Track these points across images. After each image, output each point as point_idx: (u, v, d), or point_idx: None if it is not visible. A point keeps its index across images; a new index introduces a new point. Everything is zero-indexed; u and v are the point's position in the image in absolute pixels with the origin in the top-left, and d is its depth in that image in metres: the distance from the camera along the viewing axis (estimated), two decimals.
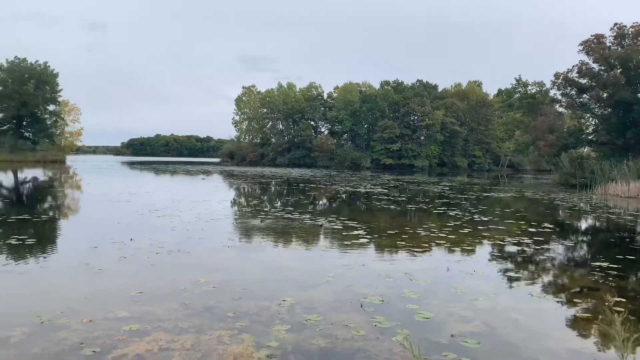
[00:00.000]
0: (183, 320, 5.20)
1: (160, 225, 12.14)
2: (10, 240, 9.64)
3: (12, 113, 72.68)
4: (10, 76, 72.12)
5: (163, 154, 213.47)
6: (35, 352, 4.29)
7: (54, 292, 6.24)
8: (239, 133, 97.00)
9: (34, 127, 77.15)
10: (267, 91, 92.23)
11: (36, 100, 73.04)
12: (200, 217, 13.76)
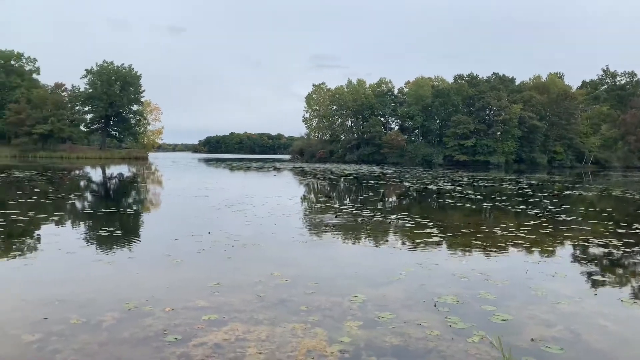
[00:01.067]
0: (258, 312, 5.35)
1: (235, 219, 12.56)
2: (100, 232, 10.39)
3: (101, 113, 78.28)
4: (100, 79, 77.62)
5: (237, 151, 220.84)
6: (124, 336, 4.59)
7: (140, 281, 6.64)
8: (309, 130, 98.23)
9: (119, 126, 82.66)
10: (337, 88, 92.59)
11: (122, 100, 78.16)
12: (273, 212, 14.08)
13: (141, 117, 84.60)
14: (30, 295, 5.78)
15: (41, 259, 7.74)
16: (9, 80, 76.41)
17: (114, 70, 78.93)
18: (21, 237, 9.74)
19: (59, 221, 12.01)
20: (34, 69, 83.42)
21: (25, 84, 76.90)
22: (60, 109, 71.78)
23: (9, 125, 69.47)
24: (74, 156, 70.78)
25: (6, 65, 78.53)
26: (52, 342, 4.39)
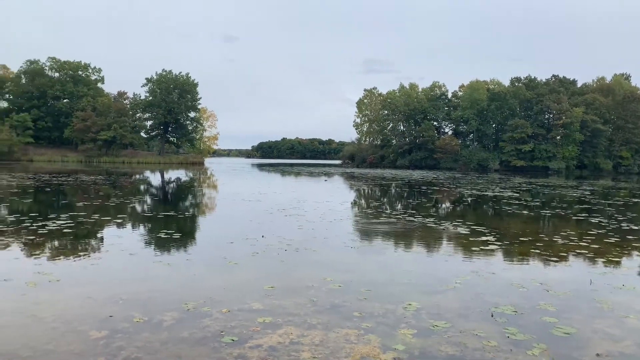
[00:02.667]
0: (311, 316, 5.39)
1: (288, 224, 12.72)
2: (160, 234, 10.82)
3: (160, 120, 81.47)
4: (159, 87, 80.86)
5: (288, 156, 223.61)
6: (183, 335, 4.76)
7: (197, 282, 6.86)
8: (360, 135, 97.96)
9: (177, 133, 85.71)
10: (389, 93, 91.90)
11: (180, 108, 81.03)
12: (324, 217, 14.15)
13: (198, 123, 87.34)
14: (96, 294, 6.09)
15: (106, 259, 8.15)
16: (77, 90, 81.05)
17: (172, 78, 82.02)
18: (88, 238, 10.30)
19: (122, 223, 12.60)
20: (99, 78, 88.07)
21: (91, 93, 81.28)
22: (123, 116, 75.34)
23: (76, 132, 73.61)
24: (135, 161, 74.04)
25: (74, 76, 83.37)
26: (117, 339, 4.62)
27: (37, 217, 12.62)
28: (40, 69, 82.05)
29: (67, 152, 75.47)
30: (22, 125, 70.97)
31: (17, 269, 7.28)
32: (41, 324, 5.00)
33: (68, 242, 9.70)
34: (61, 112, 79.43)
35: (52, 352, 4.29)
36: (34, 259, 8.15)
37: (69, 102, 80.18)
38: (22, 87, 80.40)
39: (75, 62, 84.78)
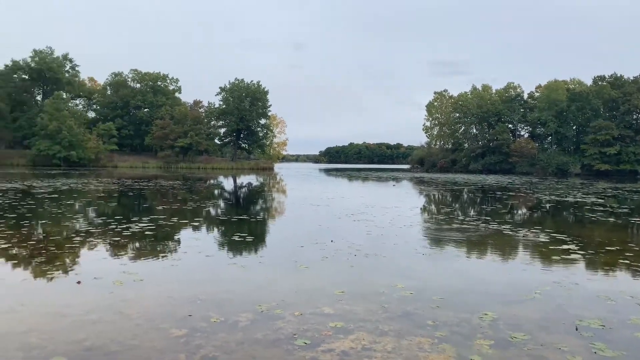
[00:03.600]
0: (383, 323, 5.34)
1: (356, 229, 12.70)
2: (234, 237, 11.18)
3: (232, 127, 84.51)
4: (232, 95, 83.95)
5: (355, 161, 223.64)
6: (257, 337, 4.88)
7: (270, 285, 7.01)
8: (430, 139, 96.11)
9: (249, 139, 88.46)
10: (460, 95, 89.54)
11: (251, 115, 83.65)
12: (394, 222, 13.99)
13: (268, 130, 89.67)
14: (176, 293, 6.40)
15: (185, 261, 8.53)
16: (156, 99, 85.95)
17: (244, 87, 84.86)
18: (167, 240, 10.85)
19: (198, 226, 13.16)
20: (177, 88, 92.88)
21: (169, 102, 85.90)
22: (198, 124, 78.90)
23: (155, 140, 78.02)
24: (209, 167, 77.20)
25: (154, 86, 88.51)
26: (196, 337, 4.82)
27: (122, 220, 13.47)
28: (123, 81, 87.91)
29: (147, 159, 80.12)
30: (107, 133, 76.19)
31: (105, 269, 7.80)
32: (127, 320, 5.32)
33: (150, 243, 10.28)
34: (142, 121, 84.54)
35: (137, 348, 4.55)
36: (120, 259, 8.70)
37: (149, 111, 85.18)
38: (108, 98, 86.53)
39: (154, 73, 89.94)
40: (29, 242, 9.94)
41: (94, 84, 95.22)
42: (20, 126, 75.40)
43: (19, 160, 69.57)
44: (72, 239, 10.62)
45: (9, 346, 4.51)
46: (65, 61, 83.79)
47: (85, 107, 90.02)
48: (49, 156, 68.25)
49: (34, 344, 4.58)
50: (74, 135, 68.70)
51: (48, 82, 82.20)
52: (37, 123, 69.60)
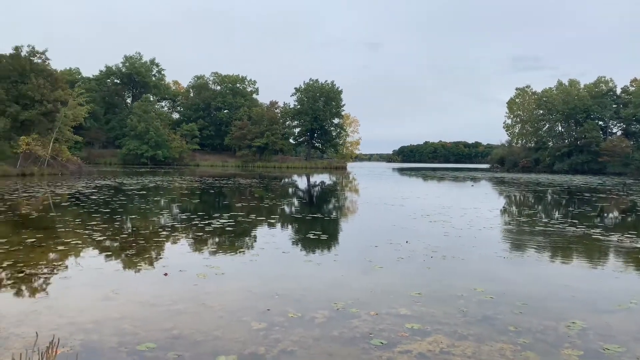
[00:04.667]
0: (462, 327, 5.20)
1: (432, 230, 12.43)
2: (309, 235, 11.35)
3: (306, 127, 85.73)
4: (306, 95, 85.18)
5: (430, 160, 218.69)
6: (334, 334, 4.93)
7: (345, 283, 7.05)
8: (511, 137, 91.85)
9: (322, 138, 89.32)
10: (544, 91, 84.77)
11: (325, 115, 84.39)
12: (472, 224, 13.54)
13: (341, 129, 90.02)
14: (255, 288, 6.61)
15: (262, 256, 8.79)
16: (235, 101, 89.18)
17: (318, 87, 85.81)
18: (246, 236, 11.23)
19: (274, 223, 13.50)
20: (254, 89, 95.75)
21: (247, 104, 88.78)
22: (274, 124, 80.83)
23: (234, 140, 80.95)
24: (284, 166, 78.89)
25: (233, 88, 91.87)
26: (275, 331, 4.95)
27: (204, 216, 14.13)
28: (205, 83, 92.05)
29: (226, 158, 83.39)
30: (190, 134, 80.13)
31: (189, 262, 8.23)
32: (210, 312, 5.58)
33: (230, 239, 10.70)
34: (222, 122, 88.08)
35: (219, 339, 4.76)
36: (203, 253, 9.14)
37: (229, 113, 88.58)
38: (191, 100, 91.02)
39: (233, 76, 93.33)
40: (121, 236, 10.70)
41: (178, 86, 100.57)
42: (112, 127, 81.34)
43: (111, 159, 75.06)
44: (159, 233, 11.30)
45: (105, 331, 4.89)
46: (152, 65, 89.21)
47: (170, 109, 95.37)
48: (137, 155, 73.00)
49: (127, 330, 4.93)
50: (160, 135, 72.94)
51: (137, 85, 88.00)
52: (127, 124, 74.68)
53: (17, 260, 7.91)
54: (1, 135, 35.99)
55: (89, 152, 71.09)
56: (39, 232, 10.81)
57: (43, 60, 42.44)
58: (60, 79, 44.30)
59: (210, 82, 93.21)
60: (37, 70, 40.64)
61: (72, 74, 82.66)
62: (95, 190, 22.70)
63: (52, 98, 39.78)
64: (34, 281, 6.80)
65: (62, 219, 13.29)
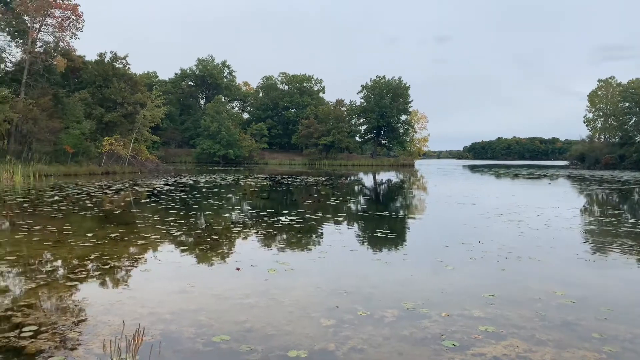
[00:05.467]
0: (540, 331, 4.95)
1: (507, 230, 11.94)
2: (376, 233, 11.27)
3: (373, 124, 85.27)
4: (373, 92, 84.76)
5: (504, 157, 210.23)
6: (404, 334, 4.86)
7: (414, 283, 6.94)
8: (592, 132, 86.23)
9: (389, 136, 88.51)
10: (631, 82, 78.77)
11: (392, 112, 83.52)
12: (550, 224, 12.86)
13: (409, 126, 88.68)
14: (324, 285, 6.66)
15: (330, 254, 8.84)
16: (302, 100, 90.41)
17: (385, 83, 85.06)
18: (314, 234, 11.34)
19: (341, 221, 13.53)
20: (321, 88, 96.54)
21: (314, 102, 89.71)
22: (340, 122, 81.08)
23: (301, 138, 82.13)
24: (350, 164, 78.96)
25: (300, 87, 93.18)
26: (344, 329, 4.96)
27: (273, 213, 14.44)
28: (273, 84, 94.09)
29: (294, 156, 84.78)
30: (259, 133, 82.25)
31: (259, 257, 8.44)
32: (280, 307, 5.68)
33: (298, 236, 10.86)
34: (289, 121, 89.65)
35: (290, 333, 4.84)
36: (272, 249, 9.35)
37: (296, 112, 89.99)
38: (260, 100, 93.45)
39: (301, 75, 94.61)
40: (196, 231, 11.18)
41: (248, 87, 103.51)
42: (187, 128, 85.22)
43: (186, 157, 78.68)
44: (230, 229, 11.68)
45: (183, 322, 5.12)
46: (223, 67, 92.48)
47: (241, 109, 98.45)
48: (210, 154, 76.01)
49: (202, 322, 5.14)
50: (231, 135, 75.47)
51: (210, 87, 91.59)
52: (201, 125, 77.91)
53: (102, 253, 8.49)
54: (87, 136, 38.70)
55: (166, 152, 74.99)
56: (122, 227, 11.53)
57: (124, 65, 45.18)
58: (140, 82, 46.99)
59: (278, 82, 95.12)
60: (119, 75, 43.36)
61: (150, 77, 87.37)
62: (171, 188, 23.87)
63: (132, 100, 42.30)
64: (117, 273, 7.25)
65: (142, 215, 14.09)
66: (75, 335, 4.69)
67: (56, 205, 15.58)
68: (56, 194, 19.39)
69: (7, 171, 28.93)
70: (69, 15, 38.26)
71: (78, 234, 10.26)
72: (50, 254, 8.44)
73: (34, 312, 5.35)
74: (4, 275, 6.99)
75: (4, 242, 9.38)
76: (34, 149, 35.14)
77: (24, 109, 34.06)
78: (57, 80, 40.32)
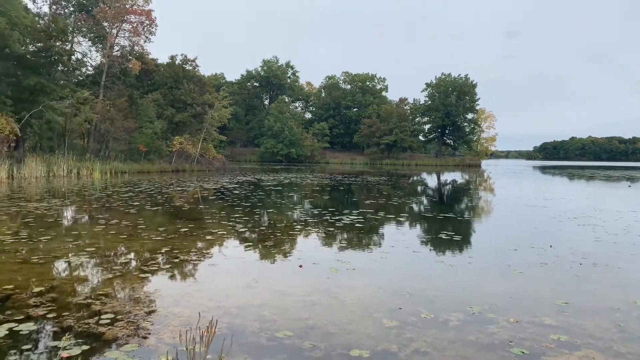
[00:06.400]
0: (618, 343, 4.63)
1: (581, 234, 11.28)
2: (440, 234, 11.01)
3: (437, 123, 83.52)
4: (437, 91, 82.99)
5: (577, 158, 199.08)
6: (470, 339, 4.71)
7: (480, 287, 6.70)
8: None
9: (454, 135, 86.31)
10: None
11: (457, 110, 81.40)
12: (630, 229, 12.02)
13: (475, 125, 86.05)
14: (386, 285, 6.59)
15: (392, 254, 8.74)
16: (364, 99, 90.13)
17: (451, 81, 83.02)
18: (375, 234, 11.27)
19: (403, 222, 13.34)
20: (383, 87, 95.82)
21: (376, 101, 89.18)
22: (403, 121, 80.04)
23: (363, 138, 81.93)
24: (413, 163, 77.73)
25: (363, 86, 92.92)
26: (407, 330, 4.89)
27: (334, 212, 14.48)
28: (335, 83, 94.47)
29: (355, 155, 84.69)
30: (321, 132, 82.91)
31: (321, 255, 8.49)
32: (342, 305, 5.69)
33: (359, 235, 10.82)
34: (351, 120, 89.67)
35: (352, 332, 4.83)
36: (333, 247, 9.37)
37: (358, 111, 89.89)
38: (322, 100, 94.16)
39: (363, 74, 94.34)
40: (259, 228, 11.43)
41: (311, 87, 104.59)
42: (251, 127, 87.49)
43: (250, 156, 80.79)
44: (293, 226, 11.84)
45: (248, 317, 5.24)
46: (287, 68, 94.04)
47: (303, 109, 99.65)
48: (273, 153, 77.58)
49: (267, 317, 5.24)
50: (293, 134, 76.63)
51: (274, 87, 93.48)
52: (265, 124, 79.66)
53: (173, 247, 8.87)
54: (159, 136, 40.64)
55: (232, 151, 77.35)
56: (190, 222, 12.00)
57: (193, 67, 47.05)
58: (208, 83, 48.73)
59: (340, 82, 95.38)
60: (189, 76, 45.20)
61: (218, 78, 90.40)
62: (237, 186, 24.58)
63: (201, 101, 43.95)
64: (186, 266, 7.56)
65: (209, 211, 14.60)
66: (147, 324, 4.93)
67: (130, 200, 16.48)
68: (130, 190, 20.52)
69: (87, 168, 31.01)
70: (144, 20, 40.41)
71: (150, 229, 10.79)
72: (124, 247, 8.93)
73: (110, 301, 5.68)
74: (84, 266, 7.48)
75: (84, 235, 10.04)
76: (110, 148, 37.42)
77: (102, 109, 36.34)
78: (131, 82, 42.72)
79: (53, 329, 4.76)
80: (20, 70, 29.64)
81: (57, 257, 7.94)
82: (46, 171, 28.52)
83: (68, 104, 33.53)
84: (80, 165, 31.11)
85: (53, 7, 39.27)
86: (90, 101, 36.39)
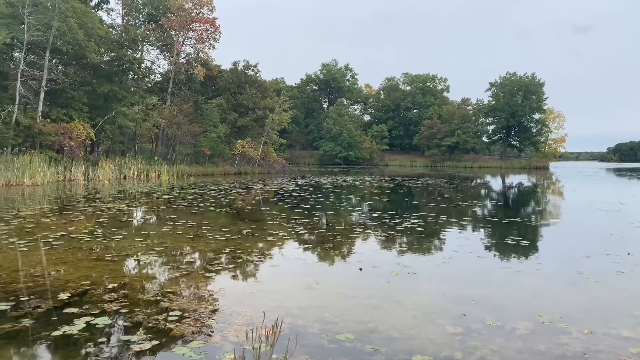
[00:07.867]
0: None
1: None
2: (506, 240, 10.59)
3: (502, 124, 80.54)
4: (502, 90, 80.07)
5: None
6: (539, 349, 4.49)
7: (551, 295, 6.38)
8: None
9: (520, 136, 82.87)
10: None
11: (523, 110, 78.16)
12: None
13: (543, 125, 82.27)
14: (449, 291, 6.43)
15: (456, 259, 8.51)
16: (425, 100, 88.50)
17: (516, 80, 79.86)
18: (437, 238, 11.02)
19: (466, 226, 12.96)
20: (445, 87, 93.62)
21: (437, 102, 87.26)
22: (466, 122, 77.81)
23: (423, 139, 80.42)
24: (476, 165, 75.38)
25: (423, 87, 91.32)
26: (472, 338, 4.73)
27: (394, 215, 14.31)
28: (395, 85, 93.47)
29: (415, 158, 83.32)
30: (380, 134, 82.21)
31: (381, 259, 8.41)
32: (403, 310, 5.60)
33: (420, 239, 10.62)
34: (411, 122, 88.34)
35: (414, 338, 4.74)
36: (394, 251, 9.26)
37: (418, 112, 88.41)
38: (381, 102, 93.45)
39: (424, 75, 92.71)
40: (319, 229, 11.50)
41: (369, 89, 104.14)
42: (310, 130, 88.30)
43: (309, 159, 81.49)
44: (352, 229, 11.82)
45: (309, 317, 5.28)
46: (346, 71, 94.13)
47: (362, 112, 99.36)
48: (332, 156, 77.83)
49: (327, 318, 5.25)
50: (352, 137, 76.54)
51: (332, 90, 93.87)
52: (324, 127, 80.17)
53: (236, 247, 9.10)
54: (223, 139, 41.92)
55: (291, 153, 78.31)
56: (252, 223, 12.27)
57: (255, 72, 48.17)
58: (269, 88, 49.72)
59: (400, 83, 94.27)
60: (250, 82, 46.32)
61: (278, 83, 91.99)
62: (296, 188, 24.88)
63: (262, 106, 44.92)
64: (248, 267, 7.73)
65: (270, 213, 14.87)
66: (212, 322, 5.08)
67: (196, 202, 17.10)
68: (196, 192, 21.29)
69: (155, 171, 32.54)
70: (208, 28, 41.90)
71: (214, 229, 11.14)
72: (190, 247, 9.27)
73: (177, 298, 5.91)
74: (153, 264, 7.83)
75: (153, 234, 10.52)
76: (177, 151, 39.05)
77: (170, 115, 38.01)
78: (197, 88, 44.42)
79: (125, 324, 5.01)
80: (95, 79, 31.70)
81: (128, 255, 8.36)
82: (118, 174, 30.23)
83: (138, 110, 35.42)
84: (149, 168, 32.71)
85: (125, 18, 41.53)
86: (159, 107, 38.21)
